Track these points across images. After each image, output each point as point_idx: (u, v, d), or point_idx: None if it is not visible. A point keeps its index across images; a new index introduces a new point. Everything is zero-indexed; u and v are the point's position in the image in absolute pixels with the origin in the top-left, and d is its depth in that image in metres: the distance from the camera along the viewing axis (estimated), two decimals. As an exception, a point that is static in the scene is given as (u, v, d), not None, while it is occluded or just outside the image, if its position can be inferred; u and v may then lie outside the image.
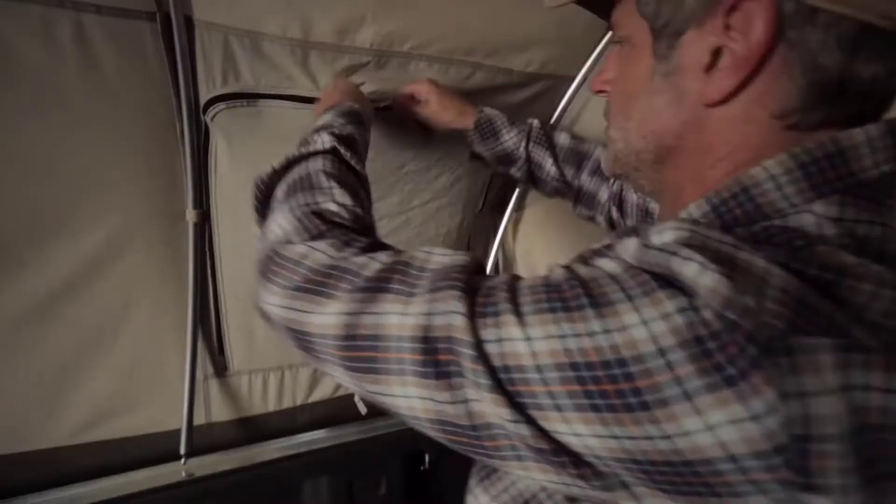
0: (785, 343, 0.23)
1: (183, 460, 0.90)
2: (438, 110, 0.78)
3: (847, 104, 0.30)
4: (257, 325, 0.90)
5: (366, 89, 0.77)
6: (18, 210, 0.69)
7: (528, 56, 0.83)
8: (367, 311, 0.34)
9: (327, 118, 0.59)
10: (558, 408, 0.27)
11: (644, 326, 0.25)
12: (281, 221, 0.44)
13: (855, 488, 0.23)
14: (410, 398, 0.32)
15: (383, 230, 0.98)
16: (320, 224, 0.42)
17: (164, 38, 0.67)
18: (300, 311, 0.37)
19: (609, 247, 0.31)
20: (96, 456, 0.84)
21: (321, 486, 0.99)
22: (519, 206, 1.18)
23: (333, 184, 0.47)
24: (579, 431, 0.27)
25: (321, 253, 0.40)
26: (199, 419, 0.92)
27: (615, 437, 0.26)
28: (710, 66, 0.32)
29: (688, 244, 0.26)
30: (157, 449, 0.88)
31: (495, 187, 1.11)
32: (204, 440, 0.93)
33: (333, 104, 0.63)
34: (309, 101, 0.76)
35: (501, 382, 0.28)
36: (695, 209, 0.33)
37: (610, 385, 0.26)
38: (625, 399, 0.25)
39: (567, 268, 0.30)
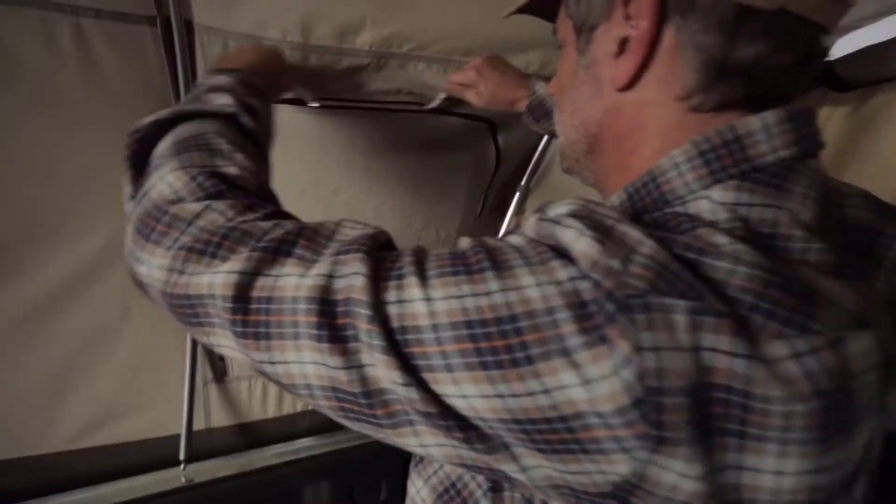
0: (643, 301, 0.25)
1: (182, 466, 0.90)
2: (490, 101, 0.77)
3: (741, 85, 0.32)
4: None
5: (363, 91, 0.77)
6: (18, 212, 0.69)
7: (528, 57, 0.83)
8: (264, 273, 0.32)
9: (223, 79, 0.50)
10: (449, 368, 0.28)
11: (538, 287, 0.27)
12: (169, 178, 0.39)
13: (697, 440, 0.25)
14: (304, 363, 0.31)
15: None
16: (219, 184, 0.38)
17: (165, 42, 0.67)
18: (186, 273, 0.34)
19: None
20: (95, 461, 0.83)
21: (322, 491, 0.99)
22: (519, 210, 1.18)
23: (235, 149, 0.42)
24: (467, 392, 0.28)
25: (218, 214, 0.36)
26: (198, 424, 0.91)
27: (500, 396, 0.27)
28: (619, 54, 0.34)
29: (574, 214, 0.29)
30: (157, 454, 0.88)
31: (495, 190, 1.11)
32: (203, 445, 0.92)
33: (242, 66, 0.54)
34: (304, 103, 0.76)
35: (397, 344, 0.29)
36: (615, 198, 0.36)
37: (500, 341, 0.27)
38: (512, 354, 0.27)
39: (475, 239, 0.31)
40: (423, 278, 0.29)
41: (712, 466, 0.26)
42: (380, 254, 0.32)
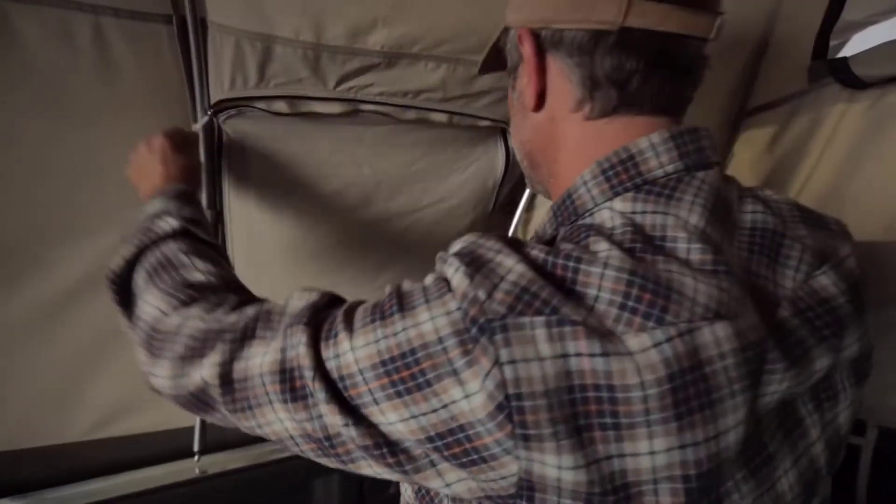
0: (502, 323, 0.31)
1: (196, 457, 0.91)
2: None
3: (615, 91, 0.39)
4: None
5: (373, 91, 0.78)
6: (35, 210, 0.71)
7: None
8: (237, 358, 0.40)
9: (160, 205, 0.56)
10: (376, 401, 0.34)
11: (431, 321, 0.33)
12: (151, 301, 0.47)
13: (565, 435, 0.30)
14: (283, 421, 0.38)
15: (393, 230, 0.98)
16: (190, 292, 0.47)
17: (180, 40, 0.68)
18: (185, 375, 0.42)
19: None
20: (112, 452, 0.85)
21: (332, 483, 1.00)
22: (529, 207, 1.18)
23: (194, 258, 0.51)
24: (391, 419, 0.34)
25: (195, 319, 0.44)
26: (211, 416, 0.93)
27: (414, 417, 0.33)
28: (527, 84, 0.44)
29: (458, 252, 0.35)
30: (171, 445, 0.90)
31: (507, 187, 1.11)
32: (217, 437, 0.94)
33: (160, 189, 0.60)
34: (315, 100, 0.77)
35: (339, 392, 0.35)
36: (546, 214, 0.44)
37: (406, 371, 0.33)
38: (416, 380, 0.33)
39: (397, 286, 0.37)
40: (350, 332, 0.36)
41: (589, 458, 0.30)
42: (320, 318, 0.39)
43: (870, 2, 0.70)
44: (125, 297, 0.51)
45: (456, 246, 0.36)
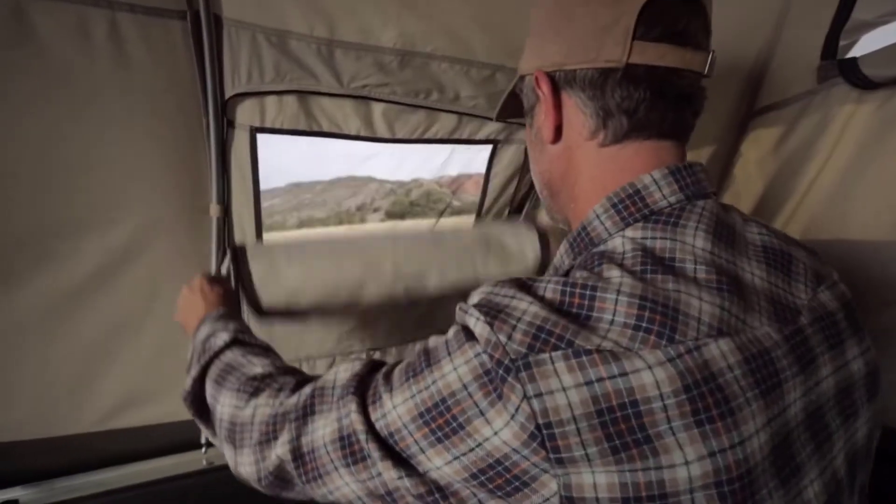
0: (525, 361, 0.35)
1: (204, 449, 0.92)
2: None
3: (626, 120, 0.44)
4: (275, 318, 0.91)
5: (386, 90, 0.78)
6: (48, 203, 0.72)
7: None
8: (303, 434, 0.45)
9: (207, 328, 0.65)
10: (422, 450, 0.38)
11: (455, 372, 0.37)
12: (224, 401, 0.54)
13: (600, 455, 0.33)
14: (349, 485, 0.43)
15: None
16: (255, 383, 0.53)
17: (194, 35, 0.69)
18: (266, 459, 0.48)
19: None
20: (121, 442, 0.86)
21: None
22: (535, 206, 1.19)
23: (250, 357, 0.58)
24: (437, 464, 0.38)
25: (263, 407, 0.50)
26: (219, 409, 0.93)
27: (456, 458, 0.37)
28: (544, 120, 0.49)
29: (476, 304, 0.39)
30: (179, 437, 0.91)
31: (521, 192, 1.12)
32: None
33: (203, 315, 0.68)
34: (329, 95, 0.78)
35: (391, 448, 0.40)
36: (563, 246, 0.49)
37: (441, 419, 0.37)
38: (451, 425, 0.37)
39: (424, 344, 0.42)
40: (390, 392, 0.40)
41: (625, 472, 0.33)
42: (365, 384, 0.44)
43: (880, 2, 0.70)
44: (202, 410, 0.59)
45: (475, 297, 0.41)
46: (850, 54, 0.73)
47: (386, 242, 0.90)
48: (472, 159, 1.04)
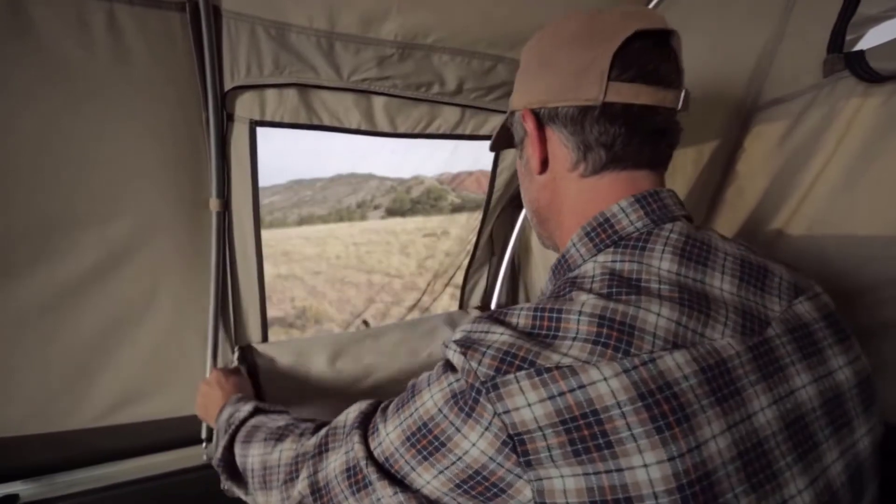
0: (493, 383, 0.39)
1: (204, 444, 0.92)
2: None
3: (604, 152, 0.48)
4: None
5: (387, 84, 0.77)
6: (47, 197, 0.71)
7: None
8: (320, 470, 0.51)
9: (229, 410, 0.72)
10: (412, 468, 0.43)
11: (432, 399, 0.43)
12: (253, 452, 0.60)
13: (563, 458, 0.37)
14: None
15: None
16: (280, 432, 0.60)
17: (193, 27, 0.68)
18: (290, 497, 0.53)
19: None
20: (121, 438, 0.86)
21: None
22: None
23: (272, 416, 0.66)
24: (427, 478, 0.43)
25: (288, 451, 0.56)
26: (219, 405, 0.93)
27: (441, 472, 0.42)
28: (532, 152, 0.53)
29: (457, 340, 0.43)
30: (179, 433, 0.90)
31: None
32: (224, 425, 0.94)
33: (223, 404, 0.75)
34: (329, 89, 0.77)
35: (387, 470, 0.45)
36: (549, 271, 0.53)
37: (425, 440, 0.42)
38: (434, 444, 0.42)
39: (413, 380, 0.48)
40: (384, 422, 0.46)
41: (589, 474, 0.36)
42: (368, 420, 0.49)
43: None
44: (234, 473, 0.64)
45: (457, 335, 0.44)
46: (857, 48, 0.72)
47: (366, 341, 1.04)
48: (478, 158, 1.04)
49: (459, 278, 1.21)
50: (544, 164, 0.53)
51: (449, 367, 0.43)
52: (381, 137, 0.85)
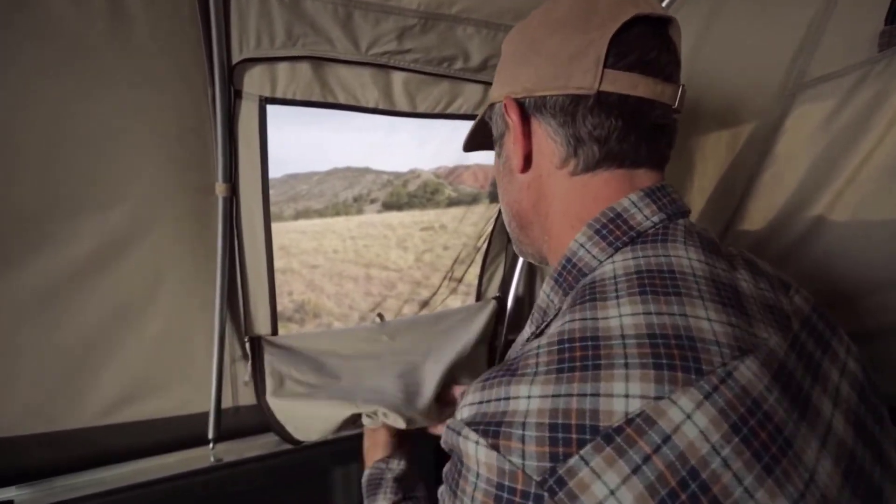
0: (556, 478, 0.29)
1: (211, 445, 0.88)
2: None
3: (597, 148, 0.43)
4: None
5: (408, 57, 0.72)
6: (43, 181, 0.66)
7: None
8: None
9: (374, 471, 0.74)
10: None
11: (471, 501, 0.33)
12: None
13: None
14: None
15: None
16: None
17: None
18: None
19: None
20: (125, 438, 0.82)
21: (351, 473, 0.97)
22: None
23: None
24: None
25: None
26: (226, 402, 0.89)
27: None
28: (514, 147, 0.47)
29: (470, 421, 0.34)
30: (186, 431, 0.86)
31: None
32: (231, 423, 0.90)
33: (379, 461, 0.76)
34: (345, 63, 0.71)
35: None
36: (547, 286, 0.46)
37: None
38: None
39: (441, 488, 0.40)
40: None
41: None
42: None
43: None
44: None
45: (464, 412, 0.36)
46: (915, 19, 0.67)
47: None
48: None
49: (459, 272, 1.17)
50: (528, 161, 0.47)
51: (470, 471, 0.33)
52: (399, 117, 0.80)
